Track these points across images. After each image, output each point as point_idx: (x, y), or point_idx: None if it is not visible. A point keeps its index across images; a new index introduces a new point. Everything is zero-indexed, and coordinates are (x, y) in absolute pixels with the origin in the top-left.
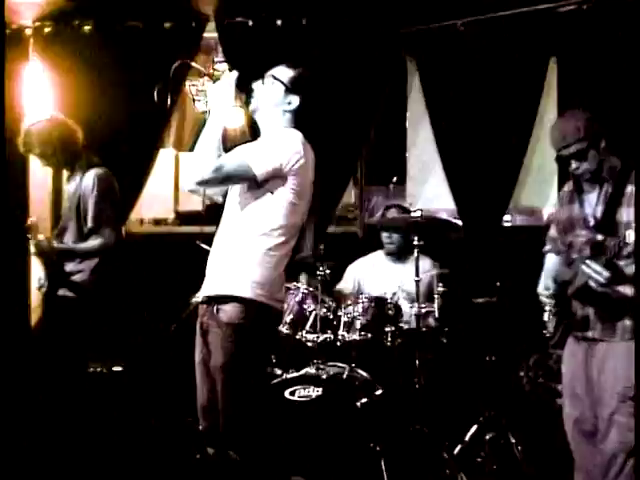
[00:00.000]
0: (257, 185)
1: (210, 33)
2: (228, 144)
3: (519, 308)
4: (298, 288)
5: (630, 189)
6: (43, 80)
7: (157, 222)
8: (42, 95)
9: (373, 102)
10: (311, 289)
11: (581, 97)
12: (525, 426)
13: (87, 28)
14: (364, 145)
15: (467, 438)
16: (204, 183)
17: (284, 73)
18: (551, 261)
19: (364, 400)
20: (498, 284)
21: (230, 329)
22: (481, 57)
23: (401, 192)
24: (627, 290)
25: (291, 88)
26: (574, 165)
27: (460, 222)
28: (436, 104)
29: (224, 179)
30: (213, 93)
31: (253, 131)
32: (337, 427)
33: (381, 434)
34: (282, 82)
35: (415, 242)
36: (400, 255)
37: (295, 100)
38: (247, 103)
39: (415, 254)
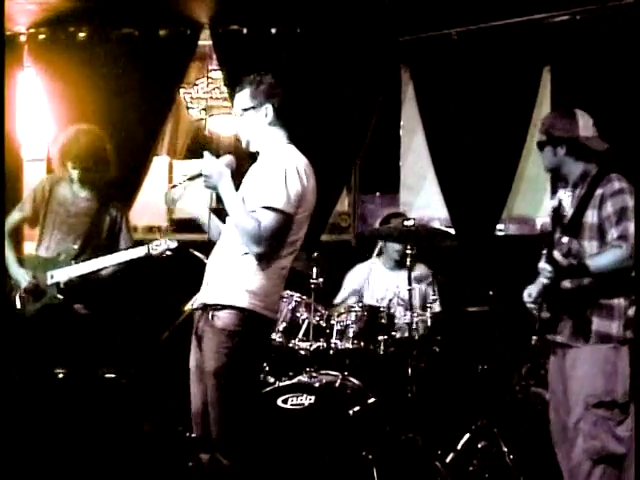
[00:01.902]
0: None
1: (205, 41)
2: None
3: (512, 317)
4: (291, 296)
5: (599, 192)
6: (37, 86)
7: (150, 229)
8: (36, 101)
9: (367, 111)
10: (304, 297)
11: (574, 105)
12: (517, 435)
13: (82, 35)
14: (358, 153)
15: (459, 447)
16: (266, 256)
17: (244, 98)
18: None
19: (356, 408)
20: (491, 293)
21: (224, 336)
22: (475, 66)
23: (395, 201)
24: (592, 294)
25: (258, 103)
26: (541, 154)
27: (453, 231)
28: (430, 113)
29: (277, 240)
30: (207, 184)
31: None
32: (329, 435)
33: (373, 442)
34: (249, 108)
35: (408, 250)
36: (399, 263)
37: (269, 109)
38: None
39: (408, 262)
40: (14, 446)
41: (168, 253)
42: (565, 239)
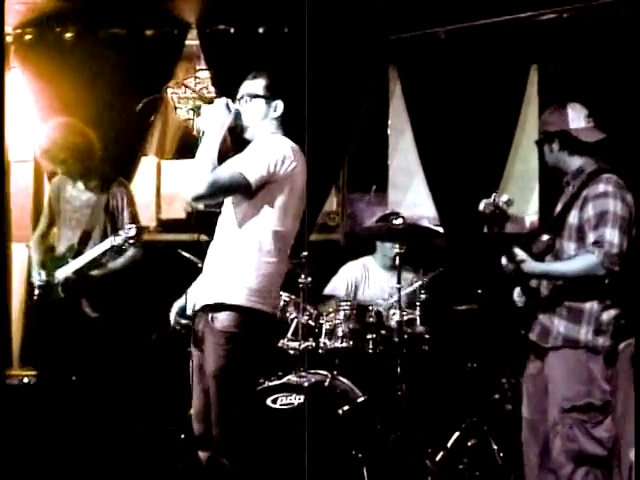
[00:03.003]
0: (251, 193)
1: (192, 41)
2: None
3: (501, 315)
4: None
5: (584, 193)
6: (23, 87)
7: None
8: (22, 102)
9: (355, 110)
10: (293, 297)
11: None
12: (507, 433)
13: (69, 35)
14: (346, 152)
15: (449, 445)
16: (200, 199)
17: (258, 85)
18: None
19: (346, 408)
20: (480, 291)
21: (224, 337)
22: (462, 65)
23: (383, 199)
24: (563, 296)
25: (271, 96)
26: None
27: (442, 229)
28: (418, 111)
29: (219, 192)
30: (207, 115)
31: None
32: (319, 435)
33: (363, 442)
34: (260, 96)
35: (396, 249)
36: (393, 262)
37: (280, 105)
38: (236, 126)
39: (397, 261)
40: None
41: (130, 241)
42: (545, 237)
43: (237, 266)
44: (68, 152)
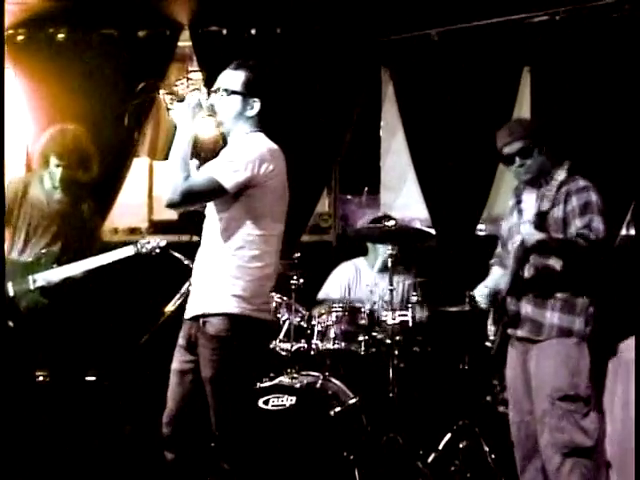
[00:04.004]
0: (230, 199)
1: (184, 42)
2: (203, 155)
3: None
4: (271, 297)
5: (562, 190)
6: (15, 88)
7: (131, 231)
8: (14, 103)
9: (347, 111)
10: (285, 298)
11: (554, 106)
12: (498, 434)
13: (61, 36)
14: (338, 154)
15: (441, 447)
16: (174, 206)
17: (235, 81)
18: (495, 274)
19: (338, 409)
20: (471, 293)
21: (217, 342)
22: (455, 67)
23: (375, 201)
24: (559, 287)
25: (248, 93)
26: (517, 162)
27: (434, 231)
28: (410, 113)
29: (194, 199)
30: (179, 112)
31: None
32: (311, 436)
33: (355, 443)
34: (237, 92)
35: (389, 251)
36: (385, 264)
37: (256, 104)
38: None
39: (389, 263)
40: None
41: (157, 251)
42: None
43: (224, 274)
44: (75, 158)
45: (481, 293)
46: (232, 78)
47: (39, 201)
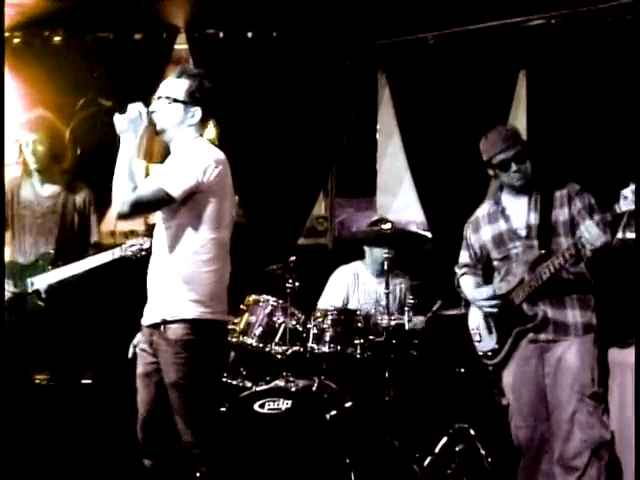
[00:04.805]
0: (178, 206)
1: (181, 45)
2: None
3: None
4: (267, 300)
5: (559, 194)
6: (11, 90)
7: (127, 235)
8: (9, 106)
9: (344, 114)
10: (280, 301)
11: (550, 109)
12: (495, 438)
13: (57, 39)
14: (335, 157)
15: (437, 450)
16: (125, 217)
17: (177, 89)
18: (471, 282)
19: (333, 412)
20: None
21: (179, 346)
22: (451, 70)
23: (371, 204)
24: (578, 285)
25: (189, 102)
26: (514, 168)
27: (430, 234)
28: (406, 116)
29: (143, 209)
30: (119, 124)
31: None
32: (307, 439)
33: (351, 446)
34: (180, 101)
35: (385, 254)
36: (382, 268)
37: (197, 112)
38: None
39: (386, 266)
40: None
41: (143, 253)
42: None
43: (179, 280)
44: (47, 143)
45: (487, 296)
46: (174, 86)
47: (29, 201)
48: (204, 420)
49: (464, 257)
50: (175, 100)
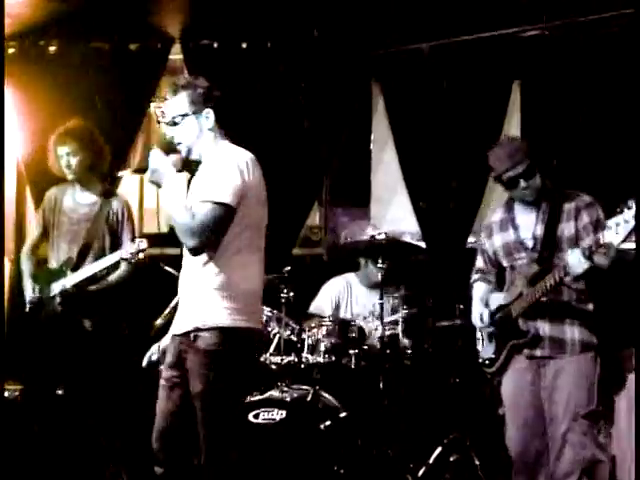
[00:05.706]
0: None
1: (176, 55)
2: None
3: None
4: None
5: (567, 207)
6: (7, 100)
7: None
8: (5, 116)
9: (338, 124)
10: (275, 311)
11: (543, 119)
12: (489, 448)
13: (52, 49)
14: (329, 167)
15: (431, 460)
16: (201, 248)
17: (180, 105)
18: (481, 290)
19: (328, 423)
20: (462, 307)
21: (209, 356)
22: (445, 80)
23: (365, 214)
24: (577, 302)
25: (197, 109)
26: (522, 184)
27: (424, 244)
28: (400, 126)
29: (213, 231)
30: (152, 179)
31: None
32: (301, 450)
33: (345, 457)
34: (189, 114)
35: (379, 265)
36: (378, 283)
37: (209, 113)
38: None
39: (379, 277)
40: None
41: (141, 255)
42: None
43: (214, 287)
44: (83, 144)
45: (482, 316)
46: (177, 104)
47: (69, 208)
48: (223, 432)
49: (479, 262)
50: (185, 115)
